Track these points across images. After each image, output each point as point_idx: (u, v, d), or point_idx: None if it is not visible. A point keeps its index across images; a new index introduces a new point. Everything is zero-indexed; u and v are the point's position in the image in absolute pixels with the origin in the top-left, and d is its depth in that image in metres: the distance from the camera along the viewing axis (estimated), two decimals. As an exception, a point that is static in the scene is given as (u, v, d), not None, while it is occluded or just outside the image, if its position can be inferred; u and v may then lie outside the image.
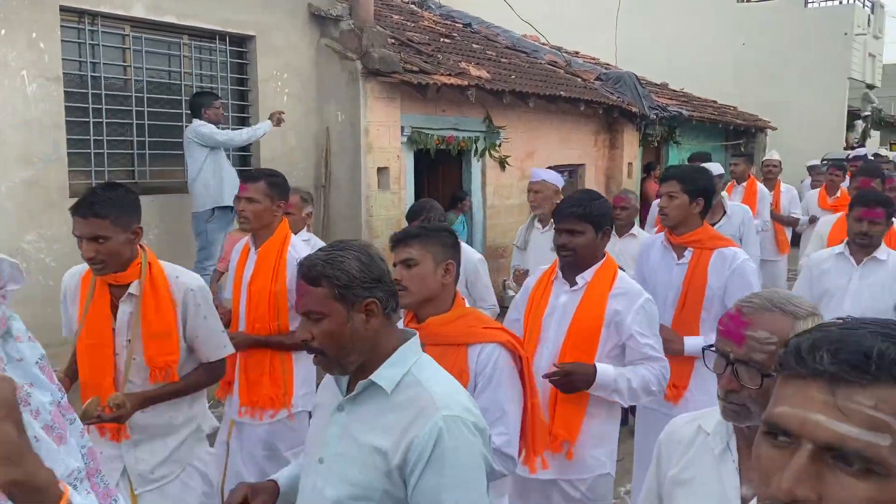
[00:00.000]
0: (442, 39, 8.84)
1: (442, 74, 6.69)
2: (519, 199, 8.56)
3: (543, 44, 12.86)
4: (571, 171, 9.92)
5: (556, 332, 2.72)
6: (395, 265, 2.22)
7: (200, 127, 5.21)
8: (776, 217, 7.07)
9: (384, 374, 1.61)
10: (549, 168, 8.91)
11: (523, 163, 8.66)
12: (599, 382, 2.58)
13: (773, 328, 1.41)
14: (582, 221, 2.66)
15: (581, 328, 2.67)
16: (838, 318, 0.85)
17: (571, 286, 2.75)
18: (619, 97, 9.72)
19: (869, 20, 16.76)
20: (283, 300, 3.12)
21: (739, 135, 13.41)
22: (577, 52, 14.07)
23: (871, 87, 17.77)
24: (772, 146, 14.08)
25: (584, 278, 2.73)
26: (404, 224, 6.94)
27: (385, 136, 6.36)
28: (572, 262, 2.73)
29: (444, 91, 6.87)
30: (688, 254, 3.25)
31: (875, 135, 18.89)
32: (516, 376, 2.24)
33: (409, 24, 8.97)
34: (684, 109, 11.14)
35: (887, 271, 3.51)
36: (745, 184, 6.95)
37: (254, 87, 6.11)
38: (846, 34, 15.71)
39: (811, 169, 9.75)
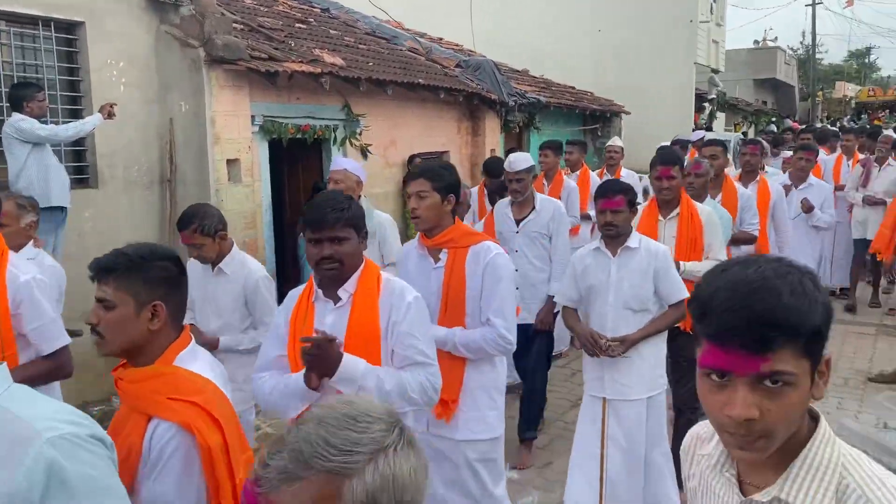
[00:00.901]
0: (297, 25, 8.59)
1: (293, 62, 6.48)
2: (383, 188, 8.49)
3: (406, 30, 12.82)
4: (436, 159, 9.95)
5: None
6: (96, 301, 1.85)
7: (20, 122, 4.77)
8: None
9: None
10: (415, 155, 8.94)
11: (387, 151, 8.58)
12: (342, 374, 2.28)
13: None
14: (346, 227, 2.36)
15: (356, 344, 2.36)
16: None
17: (336, 303, 2.43)
18: (478, 84, 9.81)
19: (711, 8, 17.82)
20: (5, 329, 2.57)
21: (596, 119, 13.91)
22: (440, 39, 14.12)
23: (715, 71, 18.93)
24: (626, 130, 14.74)
25: (347, 291, 2.42)
26: (259, 218, 6.74)
27: (234, 126, 6.09)
28: (336, 276, 2.40)
29: (298, 78, 6.66)
30: (444, 256, 3.06)
31: (721, 116, 20.15)
32: (195, 466, 1.78)
33: (262, 8, 8.66)
34: (542, 96, 11.40)
35: (641, 257, 3.51)
36: (578, 173, 7.06)
37: (86, 77, 5.67)
38: (692, 21, 16.62)
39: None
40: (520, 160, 4.59)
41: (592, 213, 6.34)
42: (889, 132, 8.99)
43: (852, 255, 8.02)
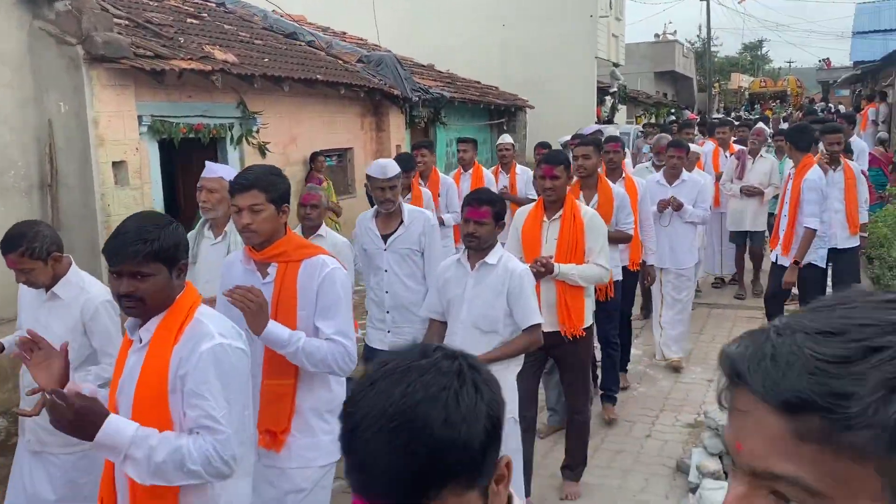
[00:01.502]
0: (189, 20, 8.30)
1: (181, 59, 6.26)
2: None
3: (309, 25, 12.60)
4: (340, 155, 9.83)
5: (125, 406, 2.12)
6: None
7: None
8: (511, 198, 6.68)
9: None
10: (318, 153, 8.79)
11: (287, 148, 8.42)
12: (101, 441, 1.96)
13: None
14: (151, 261, 2.05)
15: (144, 396, 2.09)
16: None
17: (140, 342, 2.16)
18: (381, 80, 9.74)
19: (611, 3, 18.29)
20: None
21: (502, 114, 14.06)
22: (344, 34, 13.96)
23: (616, 65, 19.45)
24: (531, 124, 14.98)
25: (148, 331, 2.13)
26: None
27: (119, 127, 5.82)
28: (137, 315, 2.14)
29: (189, 76, 6.44)
30: (273, 270, 2.77)
31: (623, 109, 20.74)
32: None
33: (151, 3, 8.32)
34: (447, 91, 11.43)
35: (497, 275, 3.32)
36: (471, 171, 6.95)
37: (-49, 76, 5.31)
38: (592, 16, 17.00)
39: (563, 146, 10.52)
40: (391, 166, 4.17)
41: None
42: (761, 125, 9.07)
43: (736, 246, 8.19)
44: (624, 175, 5.53)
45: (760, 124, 9.31)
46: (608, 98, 19.17)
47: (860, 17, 25.64)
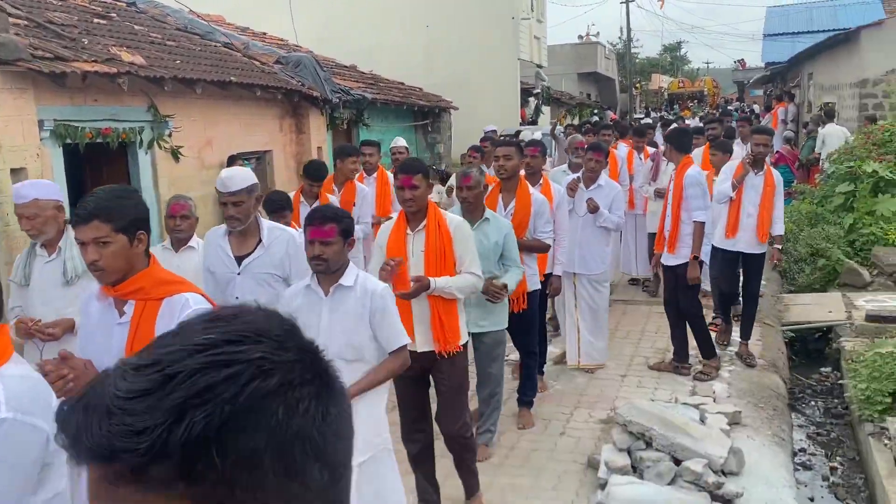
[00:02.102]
0: (96, 20, 8.02)
1: (85, 61, 6.04)
2: (202, 191, 8.12)
3: (227, 25, 12.35)
4: (259, 158, 9.67)
5: None
6: None
7: None
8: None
9: None
10: (235, 156, 8.61)
11: (202, 152, 8.23)
12: None
13: None
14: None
15: None
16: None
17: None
18: (299, 81, 9.63)
19: (532, 5, 18.55)
20: None
21: (426, 115, 14.09)
22: (264, 34, 13.74)
23: (539, 66, 19.74)
24: (456, 125, 15.07)
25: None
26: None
27: (17, 132, 5.58)
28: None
29: (95, 79, 6.22)
30: (130, 308, 2.46)
31: (546, 110, 21.07)
32: None
33: (55, 3, 8.00)
34: (369, 92, 11.38)
35: (356, 298, 3.07)
36: (375, 175, 6.72)
37: None
38: (514, 18, 17.21)
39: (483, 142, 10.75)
40: (237, 177, 3.64)
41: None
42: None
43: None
44: (542, 180, 5.47)
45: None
46: (532, 99, 19.45)
47: (770, 20, 26.78)
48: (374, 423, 3.17)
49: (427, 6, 17.59)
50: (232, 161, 8.50)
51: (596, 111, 27.53)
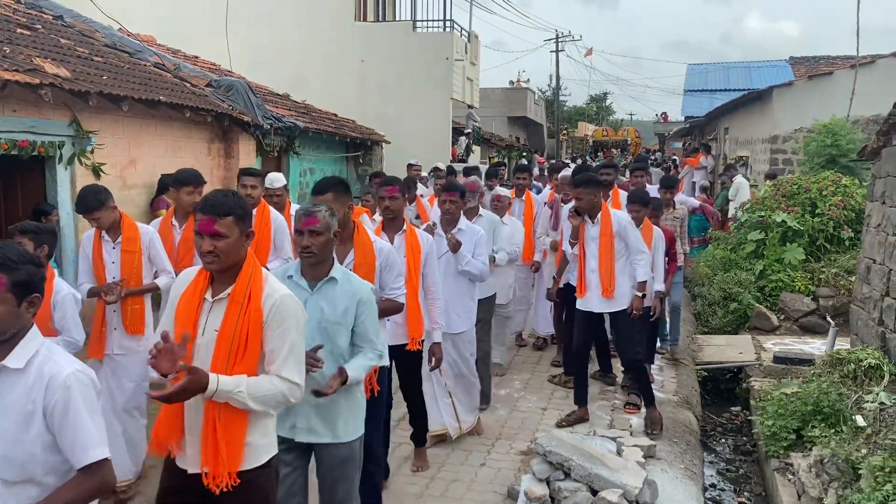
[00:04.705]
0: (19, 31, 7.76)
1: (4, 70, 5.83)
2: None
3: (158, 46, 12.14)
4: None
5: None
6: None
7: None
8: None
9: None
10: (166, 176, 8.41)
11: (124, 171, 8.01)
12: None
13: None
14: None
15: None
16: None
17: None
18: (230, 105, 9.53)
19: (466, 48, 18.96)
20: None
21: (358, 147, 14.13)
22: (196, 58, 13.57)
23: (470, 107, 20.13)
24: (388, 158, 15.15)
25: None
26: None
27: (-74, 138, 5.32)
28: None
29: (14, 89, 6.00)
30: None
31: (477, 150, 21.44)
32: None
33: (-24, 9, 7.73)
34: (301, 121, 11.36)
35: (25, 387, 2.19)
36: (254, 211, 5.43)
37: None
38: (448, 59, 17.54)
39: (422, 180, 11.00)
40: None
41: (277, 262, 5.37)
42: (567, 172, 7.96)
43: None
44: (405, 226, 4.58)
45: (568, 171, 8.22)
46: (463, 138, 19.77)
47: (691, 76, 28.18)
48: None
49: (362, 42, 17.76)
50: (163, 181, 8.33)
51: (525, 154, 28.18)
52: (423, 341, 4.58)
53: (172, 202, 8.23)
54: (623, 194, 7.10)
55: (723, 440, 6.96)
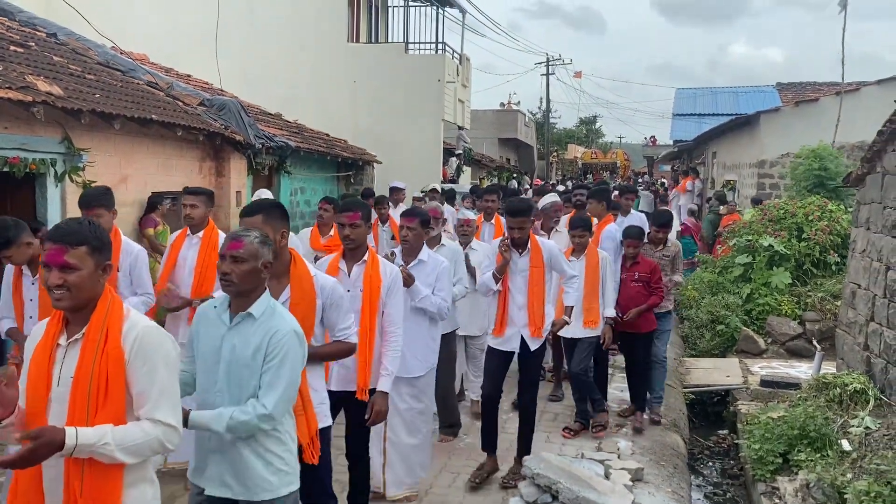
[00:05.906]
0: (12, 48, 7.78)
1: (-2, 87, 5.84)
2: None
3: (151, 64, 12.19)
4: (175, 199, 9.48)
5: None
6: None
7: None
8: None
9: None
10: (157, 194, 8.43)
11: (116, 189, 7.93)
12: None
13: None
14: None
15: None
16: None
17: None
18: (222, 124, 9.57)
19: (457, 70, 19.12)
20: None
21: (350, 167, 14.19)
22: (189, 76, 13.62)
23: (461, 128, 20.27)
24: (379, 178, 15.21)
25: None
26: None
27: (-83, 154, 5.32)
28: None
29: (6, 106, 6.02)
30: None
31: (468, 170, 21.56)
32: None
33: (-31, 26, 7.75)
34: (293, 141, 11.40)
35: None
36: (201, 233, 5.22)
37: None
38: (439, 81, 17.69)
39: (416, 200, 11.08)
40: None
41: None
42: (556, 198, 7.65)
43: None
44: (367, 256, 4.07)
45: (555, 197, 7.71)
46: (454, 159, 19.88)
47: (679, 100, 28.50)
48: None
49: (355, 63, 17.89)
50: (153, 200, 8.34)
51: (515, 175, 28.35)
52: (373, 390, 3.98)
53: (160, 220, 8.27)
54: (622, 220, 7.26)
55: (710, 463, 6.97)
